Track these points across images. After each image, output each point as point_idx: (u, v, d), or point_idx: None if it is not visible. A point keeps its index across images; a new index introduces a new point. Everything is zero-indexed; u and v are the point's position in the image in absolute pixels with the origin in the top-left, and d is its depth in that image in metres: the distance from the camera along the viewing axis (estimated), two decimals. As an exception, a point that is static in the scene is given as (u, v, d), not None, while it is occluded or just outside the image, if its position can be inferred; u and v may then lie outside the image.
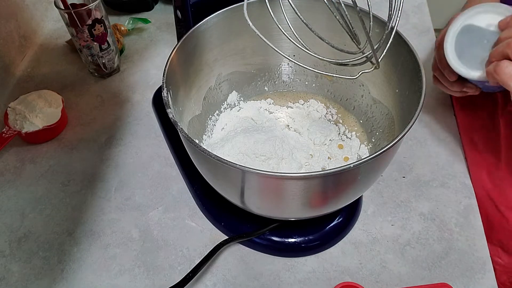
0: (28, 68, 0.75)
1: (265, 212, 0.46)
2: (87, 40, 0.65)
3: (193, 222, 0.54)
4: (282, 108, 0.59)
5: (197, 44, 0.49)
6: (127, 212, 0.55)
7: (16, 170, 0.60)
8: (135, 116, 0.67)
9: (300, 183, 0.37)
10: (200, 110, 0.53)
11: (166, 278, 0.49)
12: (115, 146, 0.63)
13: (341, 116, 0.57)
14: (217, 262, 0.50)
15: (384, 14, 0.41)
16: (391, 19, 0.39)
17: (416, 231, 0.52)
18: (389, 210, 0.54)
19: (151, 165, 0.60)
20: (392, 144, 0.36)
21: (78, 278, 0.49)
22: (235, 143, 0.50)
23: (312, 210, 0.44)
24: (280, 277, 0.49)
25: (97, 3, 0.63)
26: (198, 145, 0.36)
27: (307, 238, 0.50)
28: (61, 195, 0.57)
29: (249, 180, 0.38)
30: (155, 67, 0.75)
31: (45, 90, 0.65)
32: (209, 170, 0.42)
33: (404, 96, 0.45)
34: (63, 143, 0.64)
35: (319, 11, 0.45)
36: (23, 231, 0.54)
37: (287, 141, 0.52)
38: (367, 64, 0.40)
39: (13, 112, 0.61)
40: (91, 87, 0.72)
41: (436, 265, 0.49)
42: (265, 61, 0.58)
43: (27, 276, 0.50)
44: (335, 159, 0.52)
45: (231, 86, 0.57)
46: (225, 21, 0.50)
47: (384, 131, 0.51)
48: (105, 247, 0.52)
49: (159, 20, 0.84)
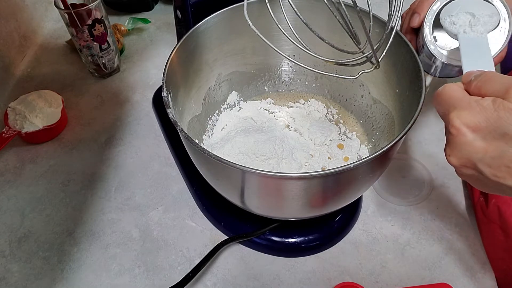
0: (28, 68, 0.75)
1: (265, 212, 0.46)
2: (87, 40, 0.65)
3: (193, 222, 0.54)
4: (283, 107, 0.59)
5: (197, 44, 0.49)
6: (127, 212, 0.55)
7: (16, 170, 0.60)
8: (135, 116, 0.67)
9: (300, 183, 0.37)
10: (200, 110, 0.53)
11: (166, 278, 0.49)
12: (115, 146, 0.63)
13: (342, 116, 0.57)
14: (217, 262, 0.50)
15: (384, 14, 0.41)
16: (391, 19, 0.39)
17: (416, 231, 0.52)
18: (389, 210, 0.54)
19: (151, 165, 0.60)
20: (392, 144, 0.36)
21: (78, 278, 0.49)
22: (235, 143, 0.50)
23: (312, 210, 0.44)
24: (280, 277, 0.49)
25: (97, 3, 0.63)
26: (198, 145, 0.36)
27: (307, 238, 0.50)
28: (61, 195, 0.57)
29: (249, 180, 0.38)
30: (155, 67, 0.75)
31: (45, 90, 0.65)
32: (209, 170, 0.42)
33: (404, 96, 0.45)
34: (63, 143, 0.64)
35: (319, 11, 0.45)
36: (23, 231, 0.54)
37: (287, 141, 0.52)
38: (367, 64, 0.40)
39: (13, 112, 0.61)
40: (91, 87, 0.72)
41: (436, 265, 0.49)
42: (265, 61, 0.58)
43: (27, 276, 0.50)
44: (335, 159, 0.52)
45: (231, 86, 0.57)
46: (225, 21, 0.50)
47: (384, 131, 0.51)
48: (105, 247, 0.52)
49: (159, 20, 0.84)
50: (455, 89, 0.32)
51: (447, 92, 0.32)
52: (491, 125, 0.28)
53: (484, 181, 0.31)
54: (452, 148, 0.31)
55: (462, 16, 0.40)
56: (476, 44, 0.38)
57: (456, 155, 0.31)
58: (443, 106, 0.32)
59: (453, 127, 0.30)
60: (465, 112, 0.29)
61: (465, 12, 0.40)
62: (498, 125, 0.28)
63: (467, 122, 0.29)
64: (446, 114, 0.31)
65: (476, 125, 0.29)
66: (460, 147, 0.30)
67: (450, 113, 0.31)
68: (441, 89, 0.33)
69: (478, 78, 0.31)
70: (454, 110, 0.30)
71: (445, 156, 0.32)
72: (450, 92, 0.32)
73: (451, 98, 0.31)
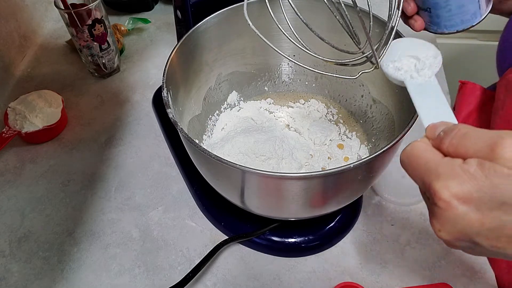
0: (28, 68, 0.75)
1: (265, 212, 0.46)
2: (87, 40, 0.65)
3: (193, 222, 0.54)
4: (283, 107, 0.59)
5: (197, 44, 0.49)
6: (127, 212, 0.55)
7: (16, 170, 0.60)
8: (135, 116, 0.67)
9: (300, 183, 0.37)
10: (200, 110, 0.53)
11: (166, 278, 0.49)
12: (115, 146, 0.63)
13: (342, 116, 0.57)
14: (217, 262, 0.50)
15: (384, 14, 0.41)
16: (391, 19, 0.39)
17: (416, 231, 0.52)
18: (389, 210, 0.54)
19: (151, 165, 0.60)
20: (392, 144, 0.36)
21: (78, 278, 0.49)
22: (235, 143, 0.50)
23: (312, 210, 0.44)
24: (280, 277, 0.49)
25: (97, 3, 0.63)
26: (198, 145, 0.36)
27: (307, 238, 0.50)
28: (61, 195, 0.57)
29: (249, 180, 0.38)
30: (155, 67, 0.75)
31: (45, 90, 0.65)
32: (209, 170, 0.42)
33: (404, 96, 0.45)
34: (63, 143, 0.64)
35: (319, 11, 0.45)
36: (23, 231, 0.54)
37: (287, 141, 0.52)
38: (367, 64, 0.40)
39: (13, 112, 0.61)
40: (91, 87, 0.72)
41: (436, 265, 0.49)
42: (265, 61, 0.58)
43: (27, 276, 0.50)
44: (335, 159, 0.52)
45: (231, 86, 0.57)
46: (225, 21, 0.50)
47: (384, 131, 0.51)
48: (105, 247, 0.52)
49: (159, 20, 0.84)
50: (426, 149, 0.28)
51: (418, 154, 0.28)
52: (485, 195, 0.25)
53: (481, 251, 0.28)
54: (442, 223, 0.27)
55: (406, 61, 0.37)
56: (427, 89, 0.35)
57: (448, 230, 0.27)
58: (418, 171, 0.28)
59: (441, 200, 0.26)
60: (453, 182, 0.25)
61: (409, 56, 0.37)
62: (493, 194, 0.25)
63: (456, 193, 0.25)
64: (427, 182, 0.27)
65: (467, 196, 0.25)
66: (452, 222, 0.26)
67: (432, 182, 0.26)
68: (409, 150, 0.29)
69: (450, 134, 0.28)
70: (438, 180, 0.26)
71: (433, 230, 0.28)
72: (422, 153, 0.28)
73: (427, 162, 0.27)
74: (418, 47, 0.38)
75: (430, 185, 0.27)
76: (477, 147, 0.26)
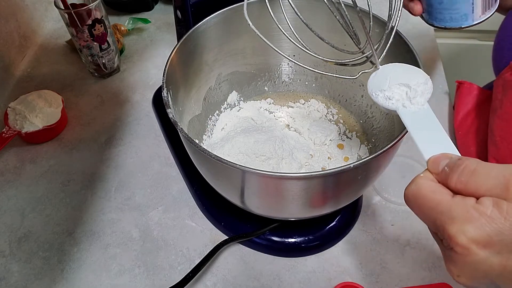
0: (28, 68, 0.75)
1: (265, 212, 0.46)
2: (87, 40, 0.65)
3: (193, 222, 0.54)
4: (283, 107, 0.59)
5: (197, 44, 0.49)
6: (127, 212, 0.55)
7: (16, 170, 0.60)
8: (135, 116, 0.67)
9: (300, 183, 0.37)
10: (200, 110, 0.53)
11: (166, 278, 0.49)
12: (115, 146, 0.63)
13: (342, 116, 0.57)
14: (217, 262, 0.50)
15: (384, 14, 0.41)
16: (391, 19, 0.39)
17: (416, 231, 0.52)
18: (389, 210, 0.54)
19: (151, 165, 0.60)
20: (392, 144, 0.36)
21: (78, 278, 0.49)
22: (235, 143, 0.50)
23: (312, 210, 0.44)
24: (280, 277, 0.49)
25: (97, 3, 0.63)
26: (198, 145, 0.36)
27: (307, 238, 0.50)
28: (61, 195, 0.57)
29: (249, 180, 0.38)
30: (155, 67, 0.75)
31: (45, 90, 0.65)
32: (209, 170, 0.42)
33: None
34: (63, 143, 0.64)
35: (319, 11, 0.45)
36: (23, 231, 0.54)
37: (287, 141, 0.52)
38: (367, 64, 0.40)
39: (13, 112, 0.61)
40: (91, 87, 0.72)
41: (436, 265, 0.49)
42: (265, 61, 0.58)
43: (27, 276, 0.50)
44: (335, 159, 0.52)
45: (231, 86, 0.57)
46: (225, 21, 0.50)
47: (384, 131, 0.51)
48: (105, 247, 0.52)
49: (159, 20, 0.84)
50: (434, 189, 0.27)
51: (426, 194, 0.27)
52: (506, 238, 0.23)
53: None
54: (460, 268, 0.26)
55: (397, 89, 0.35)
56: (422, 117, 0.33)
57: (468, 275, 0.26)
58: (428, 213, 0.27)
59: (459, 245, 0.24)
60: (469, 226, 0.24)
61: (399, 84, 0.35)
62: None
63: (475, 238, 0.24)
64: (440, 226, 0.26)
65: (486, 240, 0.24)
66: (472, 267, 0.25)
67: (446, 225, 0.25)
68: (416, 189, 0.27)
69: (457, 170, 0.26)
70: (453, 223, 0.25)
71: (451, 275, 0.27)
72: (431, 195, 0.27)
73: (438, 205, 0.26)
74: (407, 73, 0.36)
75: (444, 229, 0.25)
76: (489, 186, 0.25)
